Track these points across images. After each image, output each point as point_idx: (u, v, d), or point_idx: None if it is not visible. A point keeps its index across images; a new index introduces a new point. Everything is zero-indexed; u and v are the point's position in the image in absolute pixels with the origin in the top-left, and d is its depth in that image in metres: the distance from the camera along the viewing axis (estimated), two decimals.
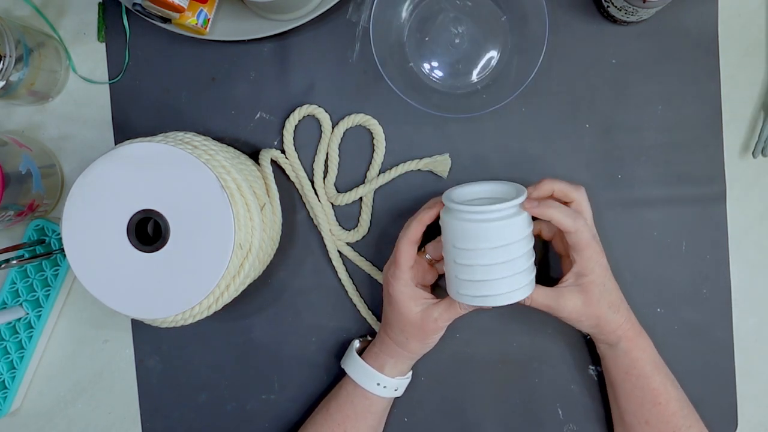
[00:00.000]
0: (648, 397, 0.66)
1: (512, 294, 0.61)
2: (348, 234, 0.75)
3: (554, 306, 0.64)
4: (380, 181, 0.74)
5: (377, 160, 0.75)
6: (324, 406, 0.72)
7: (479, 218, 0.60)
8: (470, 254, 0.60)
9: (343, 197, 0.75)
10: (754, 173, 0.74)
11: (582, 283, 0.64)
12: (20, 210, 0.72)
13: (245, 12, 0.72)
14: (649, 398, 0.66)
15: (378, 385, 0.69)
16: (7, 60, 0.67)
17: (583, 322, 0.65)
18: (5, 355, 0.76)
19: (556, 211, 0.61)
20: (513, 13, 0.72)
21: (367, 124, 0.75)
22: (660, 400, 0.66)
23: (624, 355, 0.66)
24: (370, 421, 0.70)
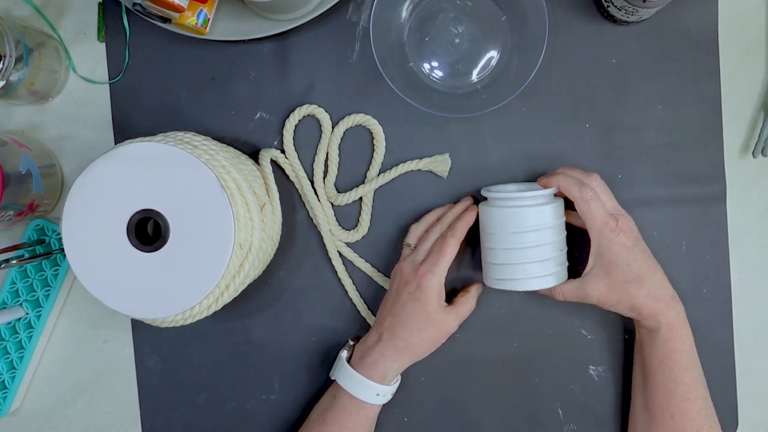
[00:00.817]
0: (679, 391, 0.65)
1: (542, 279, 0.66)
2: (348, 234, 0.75)
3: (581, 294, 0.65)
4: (380, 181, 0.74)
5: (377, 160, 0.75)
6: (320, 416, 0.70)
7: (515, 204, 0.67)
8: (504, 238, 0.67)
9: (343, 197, 0.75)
10: (754, 173, 0.74)
11: (603, 263, 0.64)
12: (20, 210, 0.72)
13: (245, 12, 0.72)
14: (680, 393, 0.65)
15: (378, 396, 0.68)
16: (7, 60, 0.67)
17: (617, 306, 0.65)
18: (5, 355, 0.76)
19: (563, 178, 0.65)
20: (513, 13, 0.72)
21: (367, 124, 0.75)
22: (690, 396, 0.65)
23: (662, 344, 0.65)
24: (367, 427, 0.70)
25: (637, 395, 0.70)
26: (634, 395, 0.71)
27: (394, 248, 0.76)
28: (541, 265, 0.66)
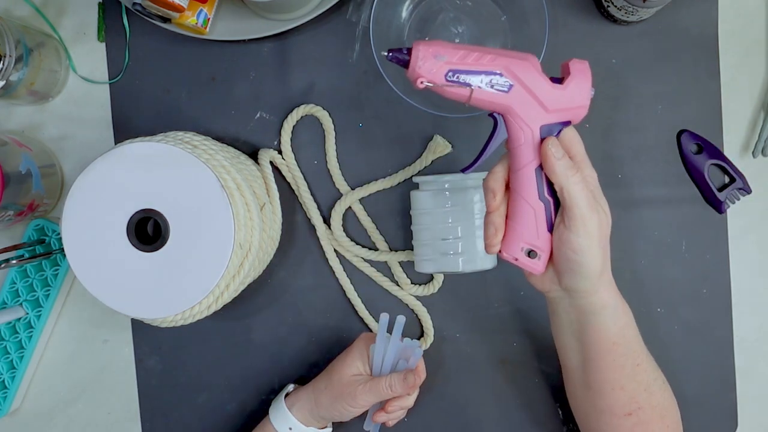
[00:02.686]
0: (630, 362, 0.61)
1: (428, 263, 0.70)
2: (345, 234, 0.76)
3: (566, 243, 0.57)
4: (382, 185, 0.74)
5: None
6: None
7: (418, 188, 0.72)
8: (413, 218, 0.72)
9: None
10: (754, 173, 0.74)
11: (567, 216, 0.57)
12: (20, 210, 0.72)
13: (245, 12, 0.72)
14: (631, 363, 0.61)
15: (290, 430, 0.69)
16: (7, 60, 0.67)
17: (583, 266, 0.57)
18: (5, 354, 0.76)
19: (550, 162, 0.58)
20: (513, 13, 0.72)
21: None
22: (638, 361, 0.62)
23: (614, 324, 0.60)
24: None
25: (575, 374, 0.64)
26: (569, 374, 0.65)
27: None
28: (428, 248, 0.70)
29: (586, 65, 0.57)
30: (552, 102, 0.56)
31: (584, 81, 0.57)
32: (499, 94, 0.56)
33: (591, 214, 0.56)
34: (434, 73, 0.56)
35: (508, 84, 0.56)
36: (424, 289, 0.75)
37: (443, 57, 0.56)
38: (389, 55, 0.57)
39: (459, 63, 0.56)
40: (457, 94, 0.57)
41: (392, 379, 0.67)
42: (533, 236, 0.58)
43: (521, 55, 0.57)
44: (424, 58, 0.56)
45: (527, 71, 0.56)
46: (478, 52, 0.56)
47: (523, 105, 0.56)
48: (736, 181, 0.73)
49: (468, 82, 0.56)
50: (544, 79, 0.56)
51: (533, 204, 0.58)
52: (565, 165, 0.56)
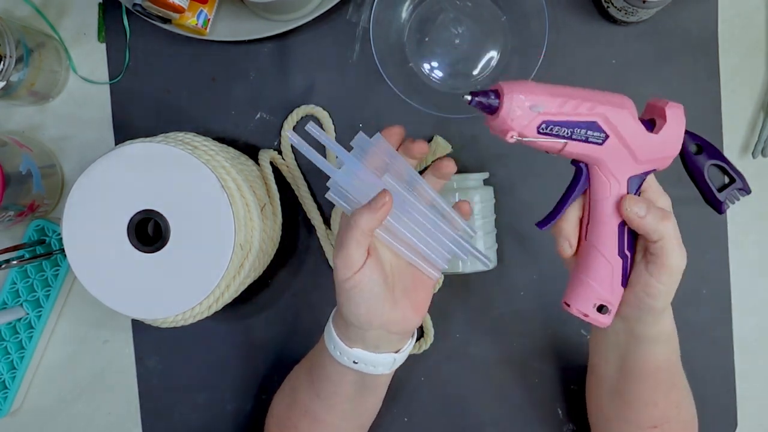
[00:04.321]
0: (667, 384, 0.61)
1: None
2: None
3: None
4: None
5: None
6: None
7: None
8: None
9: None
10: (754, 173, 0.74)
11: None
12: (20, 210, 0.72)
13: (245, 12, 0.72)
14: (668, 385, 0.61)
15: (334, 349, 0.58)
16: (8, 60, 0.67)
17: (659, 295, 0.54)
18: (5, 355, 0.76)
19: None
20: (513, 13, 0.72)
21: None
22: (675, 381, 0.62)
23: (663, 351, 0.59)
24: (340, 388, 0.61)
25: (606, 382, 0.63)
26: (600, 380, 0.64)
27: None
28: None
29: (682, 111, 0.53)
30: (644, 152, 0.52)
31: (678, 128, 0.52)
32: (593, 146, 0.52)
33: (681, 259, 0.53)
34: (526, 126, 0.50)
35: (603, 136, 0.51)
36: None
37: (539, 108, 0.49)
38: (473, 100, 0.50)
39: (556, 113, 0.50)
40: (546, 147, 0.52)
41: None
42: (608, 292, 0.54)
43: (618, 99, 0.52)
44: (519, 108, 0.49)
45: (624, 120, 0.51)
46: (576, 99, 0.51)
47: (615, 157, 0.52)
48: (736, 181, 0.73)
49: (562, 134, 0.51)
50: (639, 127, 0.52)
51: (612, 260, 0.54)
52: (654, 218, 0.52)
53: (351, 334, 0.57)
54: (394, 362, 0.59)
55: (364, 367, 0.58)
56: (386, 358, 0.58)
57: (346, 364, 0.58)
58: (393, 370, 0.61)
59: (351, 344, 0.57)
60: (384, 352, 0.58)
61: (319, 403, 0.63)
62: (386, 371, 0.59)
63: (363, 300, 0.54)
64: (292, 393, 0.67)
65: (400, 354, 0.59)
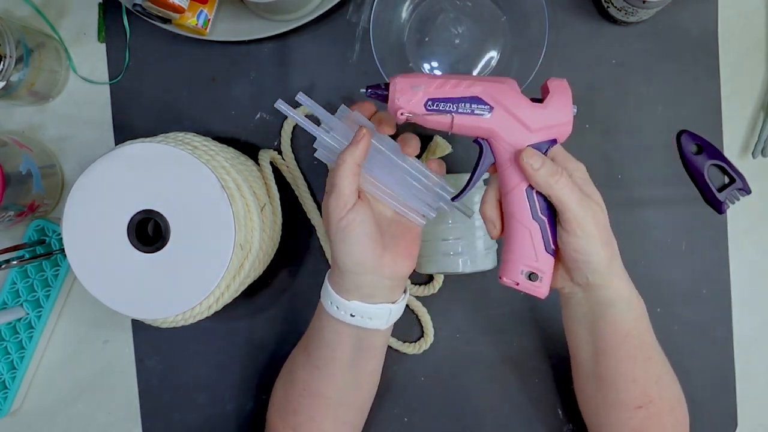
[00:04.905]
0: (642, 354, 0.61)
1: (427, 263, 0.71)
2: None
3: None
4: None
5: None
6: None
7: None
8: None
9: None
10: (754, 173, 0.74)
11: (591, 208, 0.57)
12: (20, 210, 0.72)
13: (245, 12, 0.72)
14: (642, 355, 0.61)
15: (331, 305, 0.61)
16: (8, 60, 0.67)
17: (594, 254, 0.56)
18: (6, 355, 0.76)
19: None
20: (513, 13, 0.72)
21: None
22: (650, 354, 0.62)
23: (627, 314, 0.60)
24: (338, 352, 0.63)
25: (586, 367, 0.64)
26: (580, 366, 0.65)
27: None
28: (428, 248, 0.70)
29: (565, 82, 0.58)
30: (534, 121, 0.56)
31: (564, 98, 0.57)
32: (480, 118, 0.56)
33: (584, 213, 0.55)
34: (413, 104, 0.56)
35: (488, 108, 0.56)
36: (424, 289, 0.75)
37: (420, 87, 0.56)
38: (368, 91, 0.57)
39: (437, 92, 0.56)
40: (439, 123, 0.57)
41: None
42: (532, 258, 0.57)
43: (499, 79, 0.58)
44: (401, 91, 0.56)
45: (506, 93, 0.56)
46: (455, 79, 0.57)
47: (505, 127, 0.56)
48: (736, 181, 0.73)
49: (448, 109, 0.56)
50: (523, 100, 0.56)
51: (528, 225, 0.57)
52: (546, 172, 0.55)
53: (347, 284, 0.60)
54: (390, 314, 0.61)
55: (361, 320, 0.60)
56: (382, 309, 0.61)
57: (344, 319, 0.60)
58: (388, 327, 0.63)
59: (348, 296, 0.60)
60: (379, 302, 0.60)
61: (318, 375, 0.64)
62: (383, 326, 0.61)
63: (356, 239, 0.58)
64: (290, 375, 0.67)
65: (396, 305, 0.62)
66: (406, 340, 0.76)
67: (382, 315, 0.61)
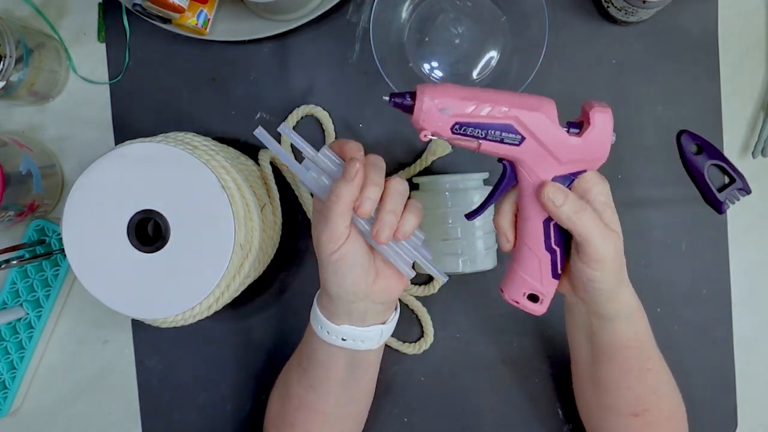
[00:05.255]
0: (639, 365, 0.61)
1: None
2: None
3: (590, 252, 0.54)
4: None
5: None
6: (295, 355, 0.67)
7: None
8: None
9: None
10: (754, 173, 0.74)
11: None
12: (20, 210, 0.72)
13: (245, 12, 0.72)
14: (639, 366, 0.61)
15: (321, 329, 0.60)
16: (8, 60, 0.67)
17: (604, 276, 0.55)
18: (5, 355, 0.76)
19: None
20: (513, 13, 0.72)
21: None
22: (649, 365, 0.61)
23: (627, 328, 0.59)
24: (332, 372, 0.62)
25: (583, 370, 0.64)
26: (578, 369, 0.65)
27: None
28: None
29: (609, 113, 0.53)
30: (566, 154, 0.53)
31: (605, 132, 0.52)
32: (509, 148, 0.53)
33: (605, 247, 0.53)
34: (440, 127, 0.52)
35: (519, 138, 0.52)
36: (424, 289, 0.75)
37: (449, 111, 0.52)
38: (391, 101, 0.53)
39: (467, 116, 0.52)
40: (464, 145, 0.53)
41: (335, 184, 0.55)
42: (537, 283, 0.56)
43: (535, 102, 0.53)
44: (428, 112, 0.52)
45: (540, 123, 0.52)
46: (487, 102, 0.52)
47: (534, 157, 0.53)
48: (736, 181, 0.73)
49: (476, 135, 0.52)
50: (558, 130, 0.52)
51: (539, 254, 0.55)
52: (569, 209, 0.53)
53: (337, 311, 0.58)
54: (381, 334, 0.60)
55: (353, 343, 0.59)
56: (373, 331, 0.59)
57: (335, 343, 0.59)
58: (381, 344, 0.62)
59: (338, 321, 0.59)
60: (371, 325, 0.59)
61: (313, 393, 0.63)
62: (374, 346, 0.60)
63: (349, 271, 0.55)
64: (285, 389, 0.67)
65: (387, 325, 0.61)
66: (406, 340, 0.76)
67: (373, 337, 0.60)
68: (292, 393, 0.65)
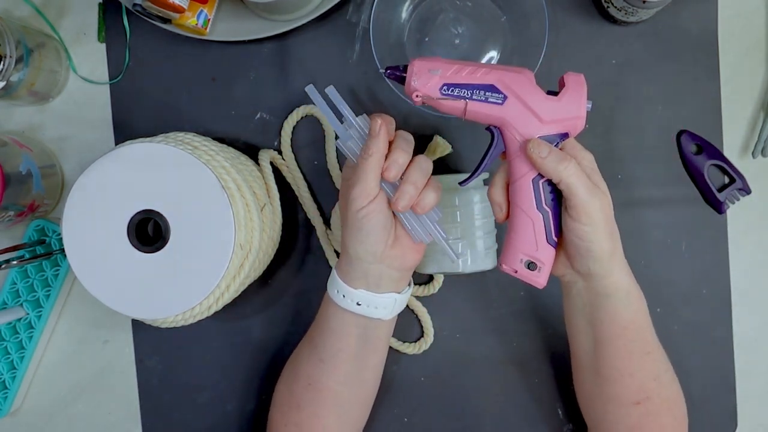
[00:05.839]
0: (639, 349, 0.62)
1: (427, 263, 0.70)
2: None
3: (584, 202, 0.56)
4: None
5: None
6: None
7: None
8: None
9: None
10: (754, 173, 0.74)
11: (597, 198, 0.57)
12: (21, 210, 0.72)
13: (245, 12, 0.72)
14: (640, 350, 0.62)
15: (337, 293, 0.62)
16: (8, 60, 0.67)
17: (598, 242, 0.57)
18: (6, 355, 0.76)
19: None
20: (513, 13, 0.72)
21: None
22: (649, 349, 0.62)
23: (625, 309, 0.60)
24: (332, 328, 0.64)
25: (584, 360, 0.65)
26: (579, 359, 0.66)
27: None
28: (428, 248, 0.69)
29: (581, 77, 0.58)
30: (547, 113, 0.57)
31: (579, 92, 0.57)
32: (493, 106, 0.57)
33: (591, 200, 0.56)
34: (429, 87, 0.57)
35: (502, 96, 0.57)
36: (424, 289, 0.75)
37: (437, 71, 0.57)
38: (387, 72, 0.59)
39: (453, 77, 0.57)
40: (452, 108, 0.58)
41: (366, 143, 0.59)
42: (532, 248, 0.59)
43: (516, 69, 0.58)
44: (418, 73, 0.57)
45: (521, 83, 0.57)
46: (472, 66, 0.57)
47: (518, 117, 0.57)
48: (736, 181, 0.74)
49: (462, 95, 0.57)
50: (538, 91, 0.57)
51: (531, 215, 0.58)
52: (554, 159, 0.56)
53: (355, 272, 0.61)
54: (395, 303, 0.63)
55: (367, 309, 0.62)
56: (388, 298, 0.62)
57: (350, 308, 0.62)
58: (393, 319, 0.64)
59: (355, 285, 0.61)
60: (385, 292, 0.62)
61: (323, 367, 0.64)
62: (387, 315, 0.63)
63: (373, 229, 0.59)
64: (295, 369, 0.68)
65: (401, 295, 0.63)
66: (406, 340, 0.76)
67: (387, 304, 0.62)
68: (301, 371, 0.66)
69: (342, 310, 0.62)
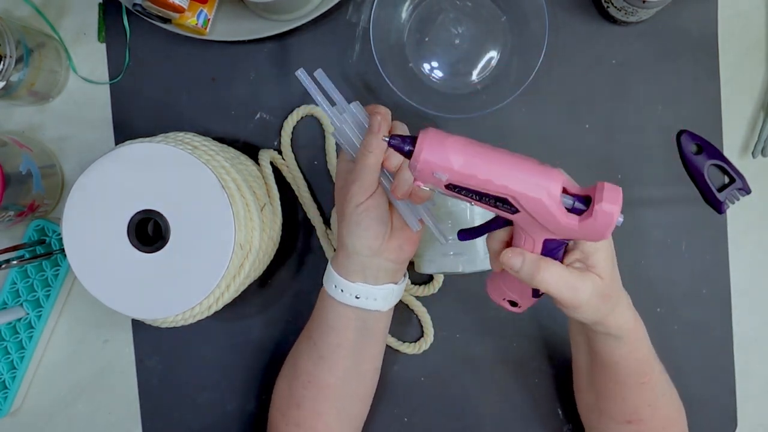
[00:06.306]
0: (633, 380, 0.61)
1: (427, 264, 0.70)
2: None
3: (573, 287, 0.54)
4: None
5: None
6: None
7: None
8: None
9: None
10: (753, 173, 0.74)
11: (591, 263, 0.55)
12: (20, 210, 0.72)
13: (245, 12, 0.72)
14: (634, 381, 0.61)
15: (336, 288, 0.62)
16: (8, 60, 0.67)
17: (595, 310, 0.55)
18: (5, 355, 0.76)
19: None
20: (513, 13, 0.72)
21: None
22: (644, 379, 0.61)
23: (617, 348, 0.59)
24: (330, 324, 0.64)
25: (582, 372, 0.65)
26: (578, 370, 0.66)
27: None
28: (427, 248, 0.70)
29: (616, 208, 0.48)
30: (561, 233, 0.51)
31: (605, 225, 0.49)
32: (503, 213, 0.52)
33: (574, 296, 0.53)
34: (434, 183, 0.52)
35: (513, 209, 0.50)
36: (424, 289, 0.75)
37: (442, 177, 0.50)
38: (390, 141, 0.53)
39: (461, 180, 0.50)
40: (460, 198, 0.53)
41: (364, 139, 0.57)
42: (517, 297, 0.60)
43: (539, 180, 0.49)
44: (422, 171, 0.51)
45: (538, 207, 0.49)
46: (485, 177, 0.49)
47: (528, 225, 0.51)
48: (736, 181, 0.74)
49: (469, 197, 0.51)
50: (557, 211, 0.49)
51: (522, 283, 0.55)
52: (528, 271, 0.53)
53: (353, 266, 0.61)
54: (392, 293, 0.63)
55: (365, 302, 0.62)
56: (385, 290, 0.62)
57: (348, 302, 0.62)
58: (390, 310, 0.65)
59: (353, 278, 0.61)
60: (383, 283, 0.62)
61: (323, 364, 0.64)
62: (386, 306, 0.63)
63: (371, 223, 0.59)
64: (294, 366, 0.68)
65: (398, 286, 0.64)
66: (405, 340, 0.76)
67: (385, 295, 0.62)
68: (300, 369, 0.66)
69: (340, 304, 0.63)
